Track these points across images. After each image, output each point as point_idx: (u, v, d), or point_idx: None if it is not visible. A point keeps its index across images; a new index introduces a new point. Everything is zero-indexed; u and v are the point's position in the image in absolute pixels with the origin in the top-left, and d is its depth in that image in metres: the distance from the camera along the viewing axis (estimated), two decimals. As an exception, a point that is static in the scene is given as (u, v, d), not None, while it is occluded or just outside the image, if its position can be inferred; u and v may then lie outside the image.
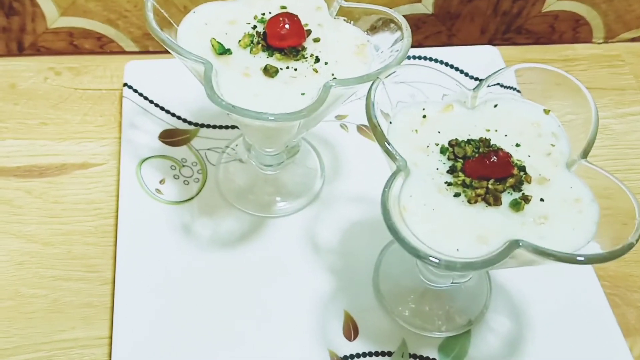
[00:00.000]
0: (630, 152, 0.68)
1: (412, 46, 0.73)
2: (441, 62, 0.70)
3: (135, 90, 0.64)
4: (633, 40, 0.78)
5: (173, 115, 0.64)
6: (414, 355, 0.52)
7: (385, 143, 0.41)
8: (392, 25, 0.48)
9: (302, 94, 0.45)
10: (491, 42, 0.76)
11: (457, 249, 0.39)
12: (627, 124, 0.70)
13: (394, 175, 0.40)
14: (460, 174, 0.42)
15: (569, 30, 0.77)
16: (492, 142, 0.44)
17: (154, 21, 0.46)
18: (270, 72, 0.46)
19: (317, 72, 0.47)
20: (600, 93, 0.73)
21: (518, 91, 0.49)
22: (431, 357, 0.52)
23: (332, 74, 0.46)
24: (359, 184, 0.61)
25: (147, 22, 0.46)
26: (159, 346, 0.51)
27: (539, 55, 0.76)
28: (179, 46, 0.46)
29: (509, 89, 0.48)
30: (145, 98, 0.64)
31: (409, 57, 0.69)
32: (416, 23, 0.73)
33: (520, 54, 0.76)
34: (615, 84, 0.74)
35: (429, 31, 0.74)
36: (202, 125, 0.64)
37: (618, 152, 0.68)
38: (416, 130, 0.44)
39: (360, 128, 0.65)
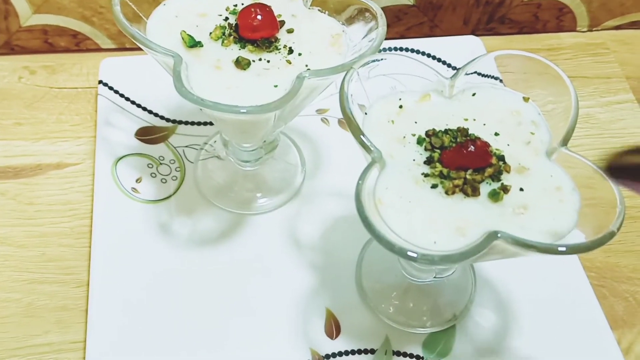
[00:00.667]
0: (615, 140, 0.67)
1: (394, 38, 0.73)
2: (423, 54, 0.69)
3: (111, 88, 0.63)
4: (618, 27, 0.77)
5: (150, 112, 0.63)
6: (398, 352, 0.51)
7: (360, 135, 0.40)
8: (367, 14, 0.47)
9: (275, 86, 0.44)
10: (474, 33, 0.75)
11: (435, 242, 0.37)
12: (612, 113, 0.69)
13: (368, 167, 0.39)
14: (437, 164, 0.41)
15: (552, 19, 0.76)
16: (470, 132, 0.42)
17: (121, 15, 0.44)
18: (242, 64, 0.44)
19: (290, 63, 0.45)
20: (585, 82, 0.72)
21: (500, 80, 0.48)
22: (415, 353, 0.51)
23: (306, 65, 0.45)
24: (341, 179, 0.60)
25: (114, 16, 0.44)
26: (135, 349, 0.49)
27: (522, 45, 0.75)
28: (147, 40, 0.44)
29: (488, 78, 0.47)
30: (122, 95, 0.63)
31: (390, 49, 0.69)
32: (397, 14, 0.72)
33: (504, 44, 0.75)
34: (600, 73, 0.73)
35: (411, 22, 0.73)
36: (180, 122, 0.63)
37: (603, 141, 0.67)
38: (392, 121, 0.43)
39: (341, 122, 0.64)
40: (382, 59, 0.44)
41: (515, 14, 0.74)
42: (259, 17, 0.45)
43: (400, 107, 0.44)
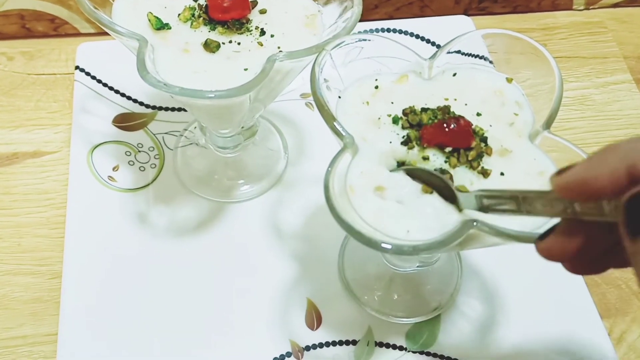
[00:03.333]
0: (611, 123, 0.64)
1: (383, 18, 0.70)
2: (412, 35, 0.67)
3: (88, 74, 0.61)
4: (615, 5, 0.75)
5: (129, 98, 0.61)
6: (380, 343, 0.49)
7: (332, 120, 0.38)
8: (342, -8, 0.45)
9: (246, 70, 0.42)
10: (466, 12, 0.72)
11: (408, 231, 0.36)
12: (609, 94, 0.67)
13: (339, 154, 0.37)
14: (414, 144, 0.39)
15: (547, -4, 0.73)
16: (452, 110, 0.40)
17: (86, -3, 0.43)
18: (211, 47, 0.43)
19: (262, 45, 0.43)
20: (581, 62, 0.69)
21: (487, 59, 0.45)
22: (398, 344, 0.49)
23: (279, 47, 0.43)
24: (325, 165, 0.57)
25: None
26: (109, 342, 0.48)
27: (517, 25, 0.73)
28: (112, 22, 0.42)
29: (473, 57, 0.45)
30: (99, 81, 0.61)
31: (377, 30, 0.66)
32: (386, -6, 0.70)
33: (497, 24, 0.73)
34: (597, 52, 0.70)
35: (400, 2, 0.71)
36: (160, 108, 0.61)
37: (599, 124, 0.64)
38: (367, 102, 0.41)
39: (327, 106, 0.62)
40: (358, 40, 0.42)
41: (508, -8, 0.72)
42: (229, -3, 0.43)
43: (376, 87, 0.42)
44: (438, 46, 0.66)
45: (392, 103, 0.41)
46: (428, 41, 0.66)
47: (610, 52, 0.70)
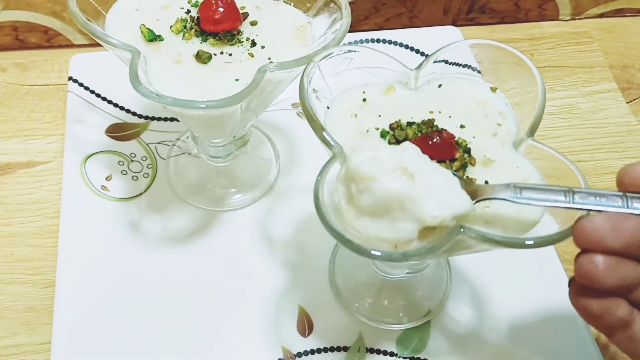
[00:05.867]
0: (597, 131, 0.65)
1: (372, 29, 0.71)
2: (401, 45, 0.68)
3: (81, 84, 0.62)
4: (601, 16, 0.76)
5: (122, 108, 0.62)
6: (371, 350, 0.50)
7: (321, 130, 0.39)
8: (332, 5, 0.46)
9: (237, 80, 0.43)
10: (455, 23, 0.73)
11: (396, 238, 0.36)
12: (595, 102, 0.68)
13: (328, 163, 0.38)
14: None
15: (534, 7, 0.74)
16: (435, 124, 0.41)
17: (78, 10, 0.43)
18: (202, 58, 0.43)
19: (253, 56, 0.44)
20: (568, 71, 0.71)
21: (475, 69, 0.46)
22: (389, 350, 0.50)
23: (269, 58, 0.44)
24: (316, 174, 0.58)
25: (70, 12, 0.43)
26: (103, 351, 0.48)
27: (504, 35, 0.74)
28: (105, 34, 0.43)
29: (461, 67, 0.46)
30: (92, 92, 0.62)
31: (366, 41, 0.67)
32: (376, 5, 0.71)
33: (485, 34, 0.74)
34: (584, 62, 0.72)
35: (390, 13, 0.72)
36: (153, 118, 0.62)
37: (586, 132, 0.66)
38: (355, 115, 0.42)
39: (317, 116, 0.63)
40: (346, 52, 0.43)
41: (496, 3, 0.73)
42: (220, 9, 0.44)
43: (364, 100, 0.43)
44: (427, 56, 0.66)
45: (380, 116, 0.42)
46: (417, 51, 0.67)
47: (596, 61, 0.72)
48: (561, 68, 0.71)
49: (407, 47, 0.67)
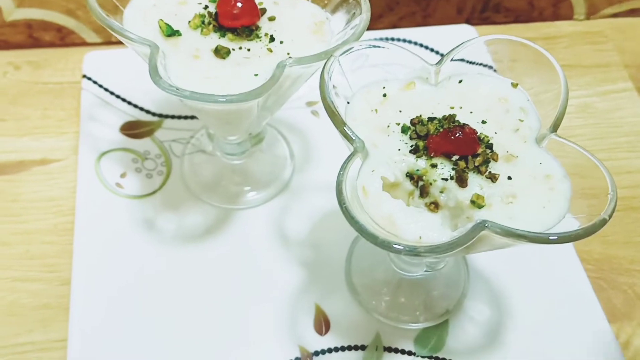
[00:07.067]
0: (613, 130, 0.65)
1: (386, 28, 0.71)
2: (415, 43, 0.67)
3: (95, 82, 0.62)
4: (615, 15, 0.76)
5: (135, 106, 0.62)
6: (389, 349, 0.50)
7: (342, 125, 0.38)
8: (350, 0, 0.46)
9: (256, 75, 0.42)
10: (468, 22, 0.73)
11: (420, 237, 0.36)
12: (610, 102, 0.67)
13: (350, 157, 0.38)
14: (423, 153, 0.39)
15: (549, 6, 0.74)
16: (457, 119, 0.41)
17: (97, 5, 0.43)
18: (221, 53, 0.43)
19: (271, 51, 0.44)
20: (583, 71, 0.70)
21: (491, 67, 0.46)
22: (407, 349, 0.50)
23: (288, 54, 0.44)
24: (331, 172, 0.57)
25: (89, 7, 0.43)
26: (118, 348, 0.48)
27: (519, 34, 0.72)
28: (123, 29, 0.43)
29: (477, 65, 0.45)
30: (106, 90, 0.62)
31: (380, 39, 0.67)
32: (389, 4, 0.70)
33: (500, 33, 0.73)
34: (599, 61, 0.71)
35: (403, 12, 0.71)
36: (167, 116, 0.61)
37: (601, 131, 0.65)
38: (376, 110, 0.42)
39: (332, 114, 0.62)
40: (366, 47, 0.43)
41: (510, 1, 0.72)
42: (239, 4, 0.44)
43: (384, 95, 0.42)
44: (442, 55, 0.66)
45: (400, 111, 0.42)
46: (432, 50, 0.67)
47: (611, 60, 0.71)
48: (576, 67, 0.71)
49: (421, 45, 0.67)
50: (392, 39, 0.68)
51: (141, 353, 0.48)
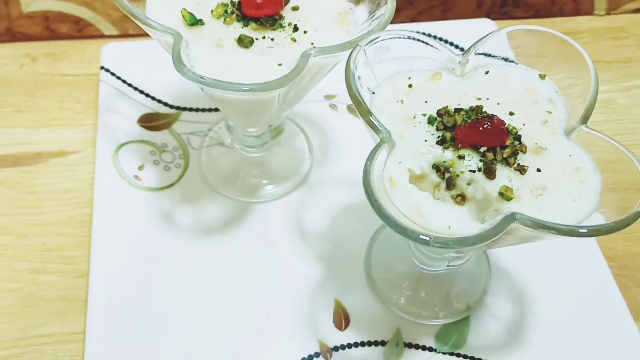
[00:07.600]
0: (635, 126, 0.64)
1: (405, 22, 0.71)
2: (435, 37, 0.66)
3: (113, 74, 0.61)
4: (637, 11, 0.75)
5: (153, 98, 0.61)
6: (409, 344, 0.49)
7: (368, 115, 0.38)
8: (375, -10, 0.45)
9: (279, 65, 0.42)
10: (488, 17, 0.72)
11: (449, 227, 0.35)
12: (633, 98, 0.66)
13: (376, 148, 0.37)
14: (450, 145, 0.38)
15: (569, 2, 0.73)
16: (484, 110, 0.40)
17: (119, -9, 0.43)
18: (244, 42, 0.43)
19: (295, 41, 0.43)
20: (604, 66, 0.69)
21: (511, 61, 0.45)
22: (427, 345, 0.49)
23: (312, 43, 0.43)
24: (350, 166, 0.58)
25: (112, -7, 0.43)
26: (136, 341, 0.48)
27: (538, 29, 0.73)
28: (146, 17, 0.42)
29: (499, 59, 0.45)
30: (124, 82, 0.61)
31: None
32: (408, -2, 0.70)
33: (520, 28, 0.72)
34: (620, 57, 0.70)
35: (422, 6, 0.71)
36: (185, 109, 0.61)
37: (623, 127, 0.64)
38: (402, 101, 0.41)
39: (350, 108, 0.62)
40: (392, 37, 0.42)
41: (530, -4, 0.72)
42: (262, -7, 0.44)
43: (410, 86, 0.42)
44: (462, 49, 0.66)
45: (426, 102, 0.41)
46: (452, 44, 0.66)
47: (632, 56, 0.70)
48: (598, 63, 0.69)
49: (441, 39, 0.66)
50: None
51: (159, 346, 0.48)
